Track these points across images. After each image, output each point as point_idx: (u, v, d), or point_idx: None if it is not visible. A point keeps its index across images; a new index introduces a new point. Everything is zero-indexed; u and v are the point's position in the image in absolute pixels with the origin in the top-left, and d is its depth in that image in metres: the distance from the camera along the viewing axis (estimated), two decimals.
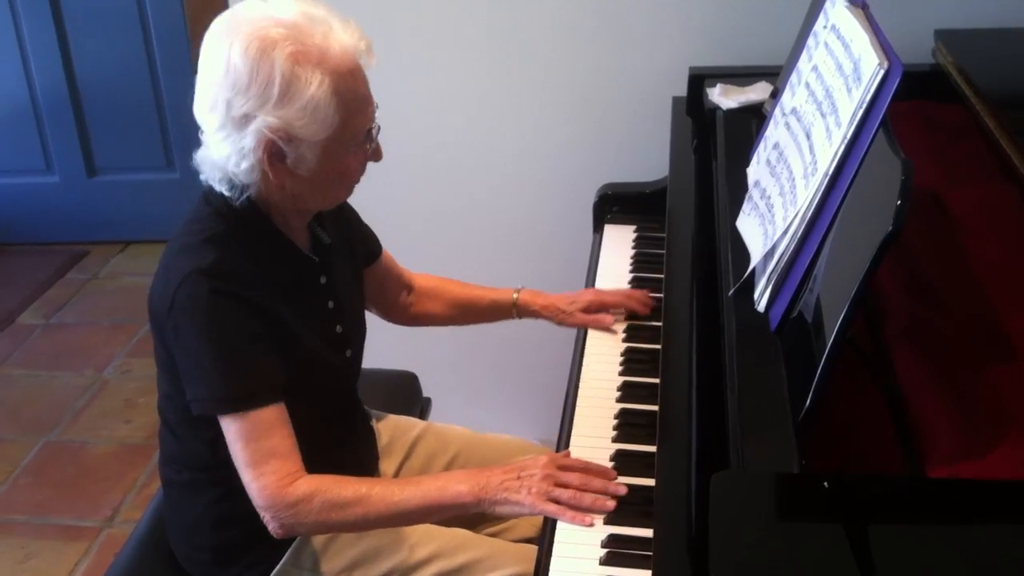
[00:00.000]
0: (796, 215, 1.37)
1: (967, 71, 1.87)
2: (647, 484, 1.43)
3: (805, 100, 1.50)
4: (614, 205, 2.23)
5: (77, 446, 3.05)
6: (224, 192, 1.46)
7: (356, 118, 1.43)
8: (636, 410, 1.64)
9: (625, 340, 1.83)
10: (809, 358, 1.21)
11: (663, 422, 1.48)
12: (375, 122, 1.48)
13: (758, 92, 2.03)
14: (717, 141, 1.96)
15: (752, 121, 1.95)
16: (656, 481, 1.39)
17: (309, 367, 1.53)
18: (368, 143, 1.49)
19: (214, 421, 1.43)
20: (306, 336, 1.52)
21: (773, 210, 1.48)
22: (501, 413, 2.77)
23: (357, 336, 1.69)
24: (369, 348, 1.73)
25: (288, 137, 1.38)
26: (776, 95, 1.80)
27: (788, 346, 1.32)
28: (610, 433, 1.60)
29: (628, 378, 1.72)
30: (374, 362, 1.73)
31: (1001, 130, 1.66)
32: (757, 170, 1.65)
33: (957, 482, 1.14)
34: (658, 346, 1.69)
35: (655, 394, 1.59)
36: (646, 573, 1.30)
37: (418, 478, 1.55)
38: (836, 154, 1.31)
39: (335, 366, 1.63)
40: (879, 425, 1.25)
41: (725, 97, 2.04)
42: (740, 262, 1.52)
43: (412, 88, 2.43)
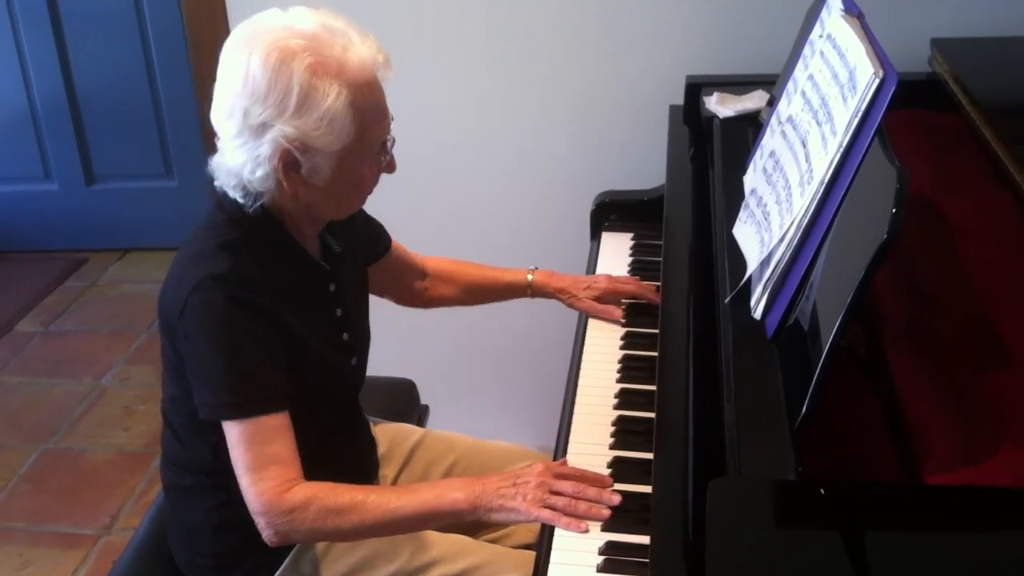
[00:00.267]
0: (792, 223, 1.37)
1: (963, 79, 1.88)
2: (644, 491, 1.43)
3: (801, 109, 1.51)
4: (611, 213, 2.24)
5: (75, 454, 3.05)
6: (238, 199, 1.46)
7: (372, 130, 1.44)
8: (633, 417, 1.64)
9: (623, 347, 1.84)
10: (805, 365, 1.21)
11: (660, 429, 1.49)
12: (390, 134, 1.49)
13: (754, 100, 2.03)
14: (714, 149, 1.96)
15: (748, 129, 1.96)
16: (653, 488, 1.39)
17: (316, 374, 1.54)
18: (383, 155, 1.50)
19: (219, 426, 1.44)
20: (315, 343, 1.53)
21: (769, 218, 1.48)
22: (499, 420, 2.77)
23: (362, 344, 1.70)
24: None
25: (304, 147, 1.39)
26: (772, 104, 1.80)
27: (784, 353, 1.33)
28: (607, 440, 1.60)
29: (625, 385, 1.73)
30: (372, 369, 1.74)
31: (997, 138, 1.66)
32: (753, 178, 1.66)
33: (954, 488, 1.14)
34: (655, 353, 1.70)
35: (652, 401, 1.59)
36: None
37: (414, 485, 1.55)
38: (832, 162, 1.31)
39: (341, 374, 1.64)
40: (876, 431, 1.25)
41: (722, 105, 2.05)
42: (737, 269, 1.52)
43: (409, 95, 2.43)
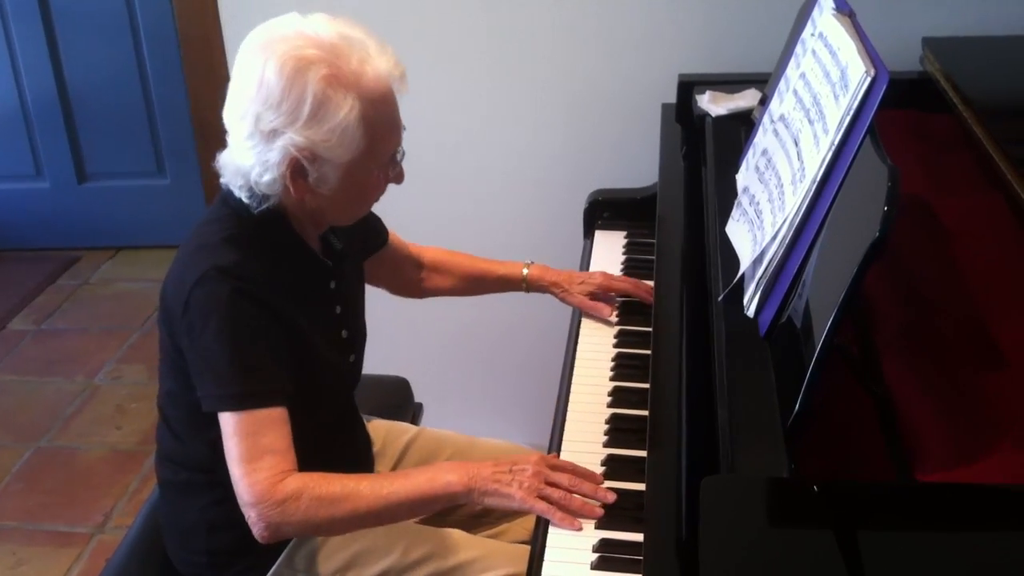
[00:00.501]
0: (784, 221, 1.38)
1: (954, 78, 1.88)
2: (638, 488, 1.43)
3: (793, 107, 1.51)
4: (604, 211, 2.24)
5: (68, 452, 3.04)
6: (243, 199, 1.46)
7: (382, 144, 1.44)
8: (627, 415, 1.64)
9: (616, 345, 1.84)
10: (798, 363, 1.22)
11: (654, 427, 1.49)
12: (401, 147, 1.49)
13: (747, 99, 2.04)
14: (706, 148, 1.97)
15: (741, 128, 1.96)
16: (647, 485, 1.39)
17: (316, 371, 1.54)
18: (392, 167, 1.50)
19: (217, 423, 1.43)
20: (315, 340, 1.53)
21: (762, 216, 1.49)
22: (493, 418, 2.78)
23: (360, 341, 1.70)
24: None
25: (312, 156, 1.39)
26: (765, 102, 1.81)
27: (777, 351, 1.33)
28: (601, 438, 1.60)
29: (619, 383, 1.73)
30: (366, 367, 1.74)
31: (989, 137, 1.66)
32: (746, 176, 1.66)
33: (946, 486, 1.14)
34: (649, 351, 1.70)
35: (646, 399, 1.59)
36: None
37: (407, 471, 1.54)
38: (824, 161, 1.32)
39: (340, 371, 1.64)
40: (869, 430, 1.25)
41: (714, 104, 2.06)
42: (729, 268, 1.53)
43: (405, 94, 2.43)
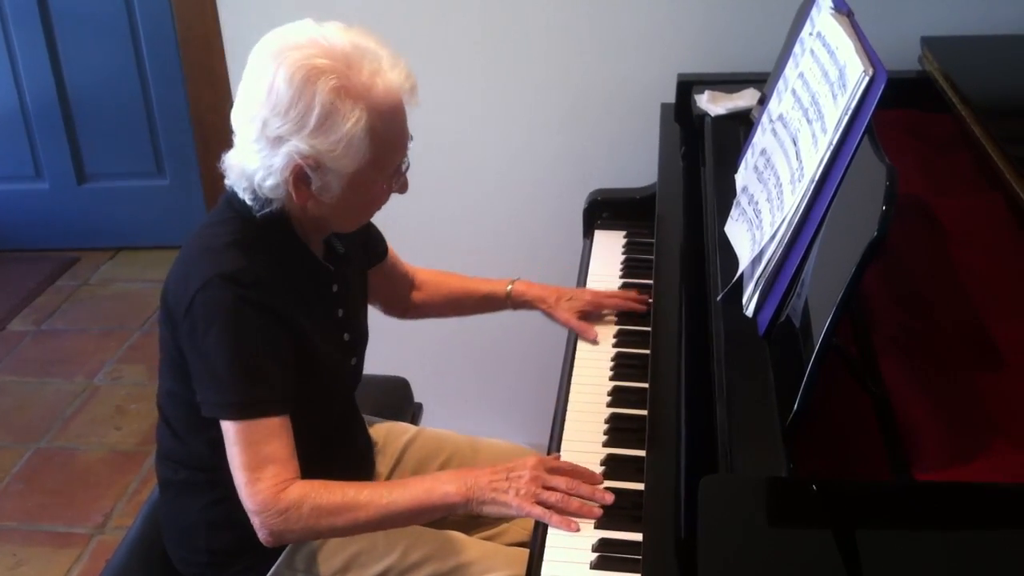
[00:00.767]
0: (783, 220, 1.38)
1: (953, 78, 1.89)
2: (637, 488, 1.43)
3: (792, 107, 1.51)
4: (604, 211, 2.24)
5: (68, 453, 3.04)
6: (247, 201, 1.47)
7: (388, 155, 1.44)
8: (626, 415, 1.64)
9: (615, 345, 1.84)
10: (797, 362, 1.22)
11: (653, 426, 1.49)
12: (406, 158, 1.49)
13: (745, 99, 2.04)
14: (705, 147, 1.97)
15: (740, 127, 1.96)
16: (646, 485, 1.39)
17: (319, 374, 1.54)
18: (396, 177, 1.50)
19: (216, 422, 1.44)
20: (317, 343, 1.53)
21: (761, 215, 1.49)
22: (492, 418, 2.78)
23: (361, 344, 1.70)
24: None
25: (316, 164, 1.39)
26: (763, 102, 1.81)
27: (776, 350, 1.33)
28: (601, 438, 1.60)
29: (618, 383, 1.73)
30: (366, 367, 1.74)
31: (987, 137, 1.67)
32: (745, 176, 1.66)
33: (944, 485, 1.14)
34: (648, 351, 1.70)
35: (645, 399, 1.59)
36: None
37: (406, 480, 1.55)
38: (822, 160, 1.32)
39: (341, 374, 1.64)
40: (867, 429, 1.25)
41: (713, 104, 2.06)
42: (728, 267, 1.53)
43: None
